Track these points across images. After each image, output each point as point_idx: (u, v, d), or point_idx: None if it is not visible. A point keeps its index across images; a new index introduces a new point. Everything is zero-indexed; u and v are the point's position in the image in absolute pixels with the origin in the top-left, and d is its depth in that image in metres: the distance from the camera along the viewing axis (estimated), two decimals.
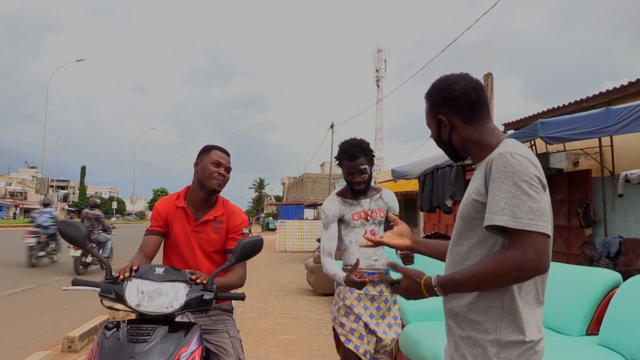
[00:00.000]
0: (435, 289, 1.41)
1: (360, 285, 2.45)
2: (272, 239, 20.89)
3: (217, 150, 2.44)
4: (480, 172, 1.43)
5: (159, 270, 1.89)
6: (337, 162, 2.93)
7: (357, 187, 2.84)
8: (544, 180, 1.35)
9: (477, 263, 1.35)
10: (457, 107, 1.49)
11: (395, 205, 2.96)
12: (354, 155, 2.80)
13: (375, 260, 2.82)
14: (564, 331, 3.17)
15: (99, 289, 1.86)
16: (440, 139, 1.57)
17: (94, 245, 2.11)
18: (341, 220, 2.86)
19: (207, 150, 2.45)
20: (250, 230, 2.52)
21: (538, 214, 1.27)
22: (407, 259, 2.17)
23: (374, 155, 2.92)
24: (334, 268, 2.72)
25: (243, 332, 5.60)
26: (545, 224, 1.27)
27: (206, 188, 2.38)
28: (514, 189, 1.28)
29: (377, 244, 1.77)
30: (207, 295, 1.88)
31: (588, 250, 6.25)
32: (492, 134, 1.49)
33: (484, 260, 1.33)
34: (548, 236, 1.27)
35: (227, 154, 2.47)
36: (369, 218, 2.85)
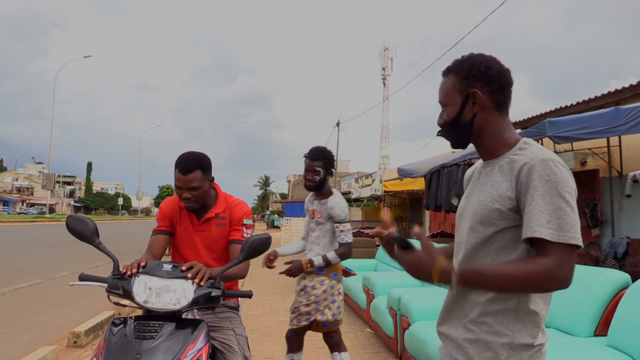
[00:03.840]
0: (453, 274, 1.25)
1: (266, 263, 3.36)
2: (278, 237, 20.89)
3: (177, 170, 2.24)
4: (506, 175, 1.33)
5: (167, 267, 1.87)
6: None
7: (307, 184, 3.40)
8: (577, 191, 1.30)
9: (509, 264, 1.27)
10: (492, 85, 1.38)
11: (335, 213, 3.33)
12: (314, 157, 3.35)
13: (296, 253, 3.63)
14: (572, 332, 3.14)
15: (106, 285, 1.84)
16: (459, 119, 1.42)
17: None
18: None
19: (175, 166, 2.27)
20: (253, 222, 2.49)
21: (578, 227, 1.23)
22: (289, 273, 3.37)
23: (332, 166, 3.44)
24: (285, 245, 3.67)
25: (248, 329, 5.59)
26: (580, 237, 1.23)
27: None
28: (559, 201, 1.22)
29: None
30: (215, 292, 1.85)
31: (593, 251, 6.19)
32: (510, 130, 1.42)
33: (517, 264, 1.26)
34: (580, 247, 1.24)
35: (185, 172, 2.22)
36: (312, 216, 3.48)
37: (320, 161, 3.34)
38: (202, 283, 1.84)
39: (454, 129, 1.45)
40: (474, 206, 1.40)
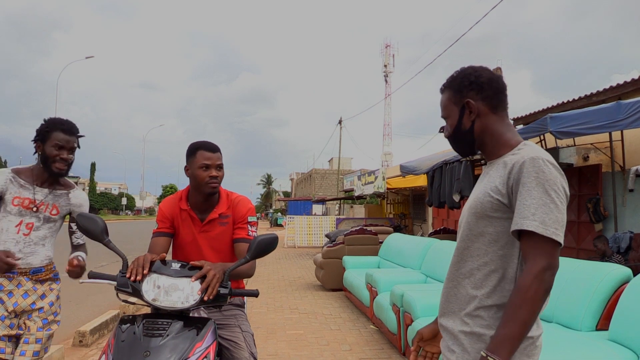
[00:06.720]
0: None
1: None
2: (281, 235, 20.94)
3: (203, 151, 2.29)
4: (500, 171, 1.40)
5: (175, 266, 1.91)
6: (43, 133, 2.49)
7: (59, 167, 2.48)
8: (568, 192, 1.36)
9: (511, 309, 1.27)
10: (484, 91, 1.48)
11: (84, 210, 2.63)
12: (71, 131, 2.51)
13: (20, 254, 2.49)
14: (573, 326, 3.16)
15: (115, 282, 1.88)
16: (460, 128, 1.52)
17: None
18: (1, 199, 2.46)
19: (192, 152, 2.32)
20: (257, 220, 2.49)
21: (561, 224, 1.30)
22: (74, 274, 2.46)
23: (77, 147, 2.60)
24: None
25: (252, 326, 5.64)
26: (562, 235, 1.30)
27: (203, 193, 2.32)
28: (545, 197, 1.29)
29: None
30: (223, 291, 1.89)
31: (601, 245, 6.17)
32: (511, 131, 1.50)
33: (515, 303, 1.27)
34: (561, 246, 1.31)
35: (214, 150, 2.31)
36: (35, 209, 2.48)
37: (76, 139, 2.54)
38: (212, 297, 1.85)
39: (458, 138, 1.56)
40: (471, 201, 1.49)
